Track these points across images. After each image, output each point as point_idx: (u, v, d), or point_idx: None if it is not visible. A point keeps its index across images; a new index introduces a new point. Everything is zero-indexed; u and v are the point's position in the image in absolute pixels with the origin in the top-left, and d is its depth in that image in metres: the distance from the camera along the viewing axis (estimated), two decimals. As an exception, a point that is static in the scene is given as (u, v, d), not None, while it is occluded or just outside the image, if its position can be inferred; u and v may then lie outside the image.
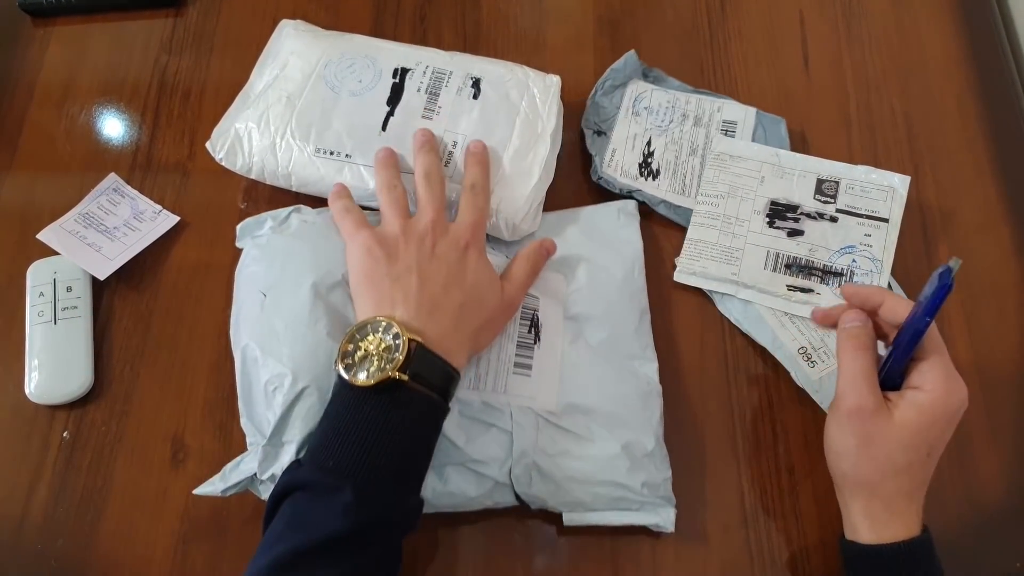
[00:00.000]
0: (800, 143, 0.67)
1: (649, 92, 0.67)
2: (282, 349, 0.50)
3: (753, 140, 0.64)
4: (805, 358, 0.58)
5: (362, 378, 0.45)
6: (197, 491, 0.50)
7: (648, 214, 0.63)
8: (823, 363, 0.57)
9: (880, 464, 0.45)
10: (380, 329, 0.46)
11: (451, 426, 0.50)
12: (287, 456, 0.49)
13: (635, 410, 0.53)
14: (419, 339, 0.46)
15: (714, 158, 0.64)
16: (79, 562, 0.52)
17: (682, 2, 0.73)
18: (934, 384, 0.45)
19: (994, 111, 0.68)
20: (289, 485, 0.43)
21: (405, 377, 0.44)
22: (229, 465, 0.50)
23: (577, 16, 0.72)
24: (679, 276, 0.61)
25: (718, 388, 0.58)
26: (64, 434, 0.56)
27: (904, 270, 0.62)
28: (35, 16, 0.71)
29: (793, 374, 0.57)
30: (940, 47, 0.71)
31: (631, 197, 0.63)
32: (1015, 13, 0.74)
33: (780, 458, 0.56)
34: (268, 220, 0.57)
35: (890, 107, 0.69)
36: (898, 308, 0.47)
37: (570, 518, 0.52)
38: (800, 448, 0.56)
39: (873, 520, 0.46)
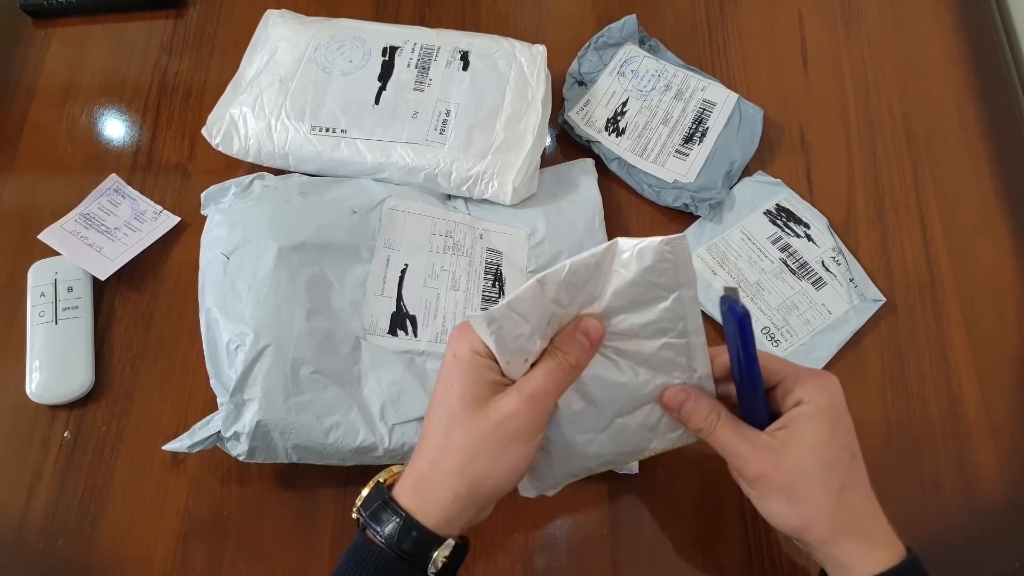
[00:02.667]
0: (799, 143, 0.67)
1: (640, 57, 0.68)
2: (244, 309, 0.52)
3: (727, 125, 0.65)
4: (769, 338, 0.59)
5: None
6: (166, 447, 0.51)
7: (602, 173, 0.64)
8: (787, 342, 0.59)
9: (822, 499, 0.41)
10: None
11: (421, 380, 0.53)
12: (249, 413, 0.50)
13: None
14: (382, 479, 0.42)
15: None
16: (79, 562, 0.52)
17: (681, 3, 0.73)
18: (810, 392, 0.42)
19: (993, 111, 0.68)
20: None
21: (353, 514, 0.41)
22: (199, 423, 0.51)
23: (577, 16, 0.72)
24: None
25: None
26: (65, 434, 0.56)
27: (904, 271, 0.62)
28: (36, 17, 0.71)
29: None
30: (939, 47, 0.71)
31: (588, 148, 0.65)
32: (1015, 13, 0.74)
33: (779, 458, 0.56)
34: (232, 187, 0.58)
35: (889, 107, 0.69)
36: (717, 358, 0.44)
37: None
38: None
39: (854, 555, 0.41)
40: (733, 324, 0.40)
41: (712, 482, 0.55)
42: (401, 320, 0.55)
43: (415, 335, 0.55)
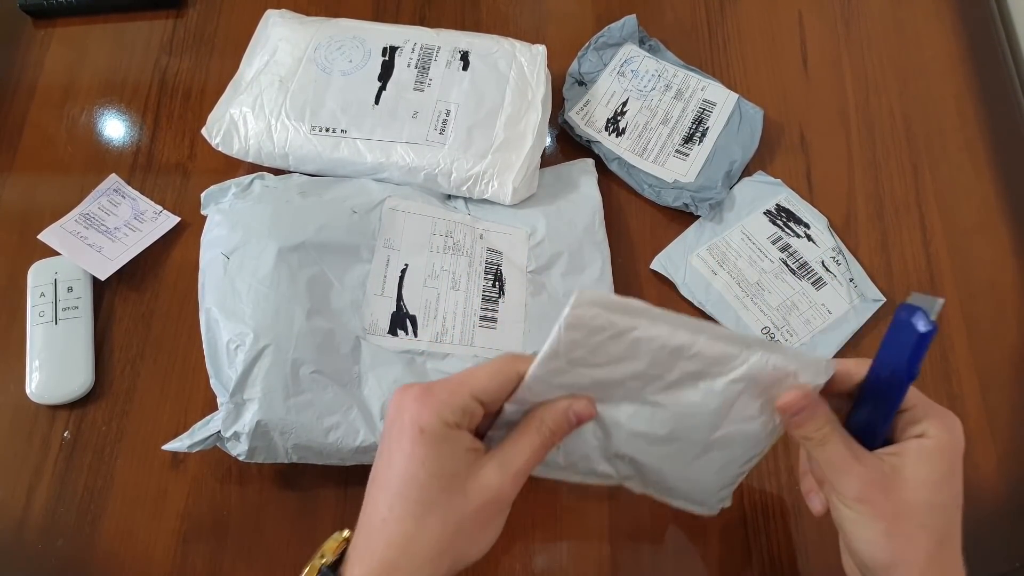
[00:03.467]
0: (799, 143, 0.67)
1: (640, 57, 0.68)
2: (244, 309, 0.51)
3: (727, 125, 0.65)
4: (769, 338, 0.58)
5: None
6: (165, 447, 0.50)
7: (602, 173, 0.64)
8: (787, 342, 0.58)
9: (923, 538, 0.38)
10: None
11: (421, 380, 0.52)
12: (249, 413, 0.50)
13: None
14: (324, 560, 0.38)
15: None
16: (79, 562, 0.52)
17: (681, 2, 0.73)
18: (936, 428, 0.39)
19: (993, 111, 0.68)
20: None
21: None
22: (198, 423, 0.51)
23: (577, 16, 0.72)
24: (656, 265, 0.62)
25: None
26: (65, 434, 0.56)
27: (904, 271, 0.62)
28: (36, 17, 0.71)
29: None
30: (939, 47, 0.71)
31: (588, 148, 0.65)
32: (1015, 13, 0.74)
33: (780, 458, 0.56)
34: (232, 187, 0.58)
35: (889, 107, 0.69)
36: (853, 371, 0.40)
37: (539, 471, 0.52)
38: (800, 447, 0.56)
39: None
40: (912, 336, 0.37)
41: (712, 482, 0.55)
42: (401, 320, 0.55)
43: (415, 335, 0.55)
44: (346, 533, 0.39)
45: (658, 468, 0.44)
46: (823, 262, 0.61)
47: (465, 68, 0.63)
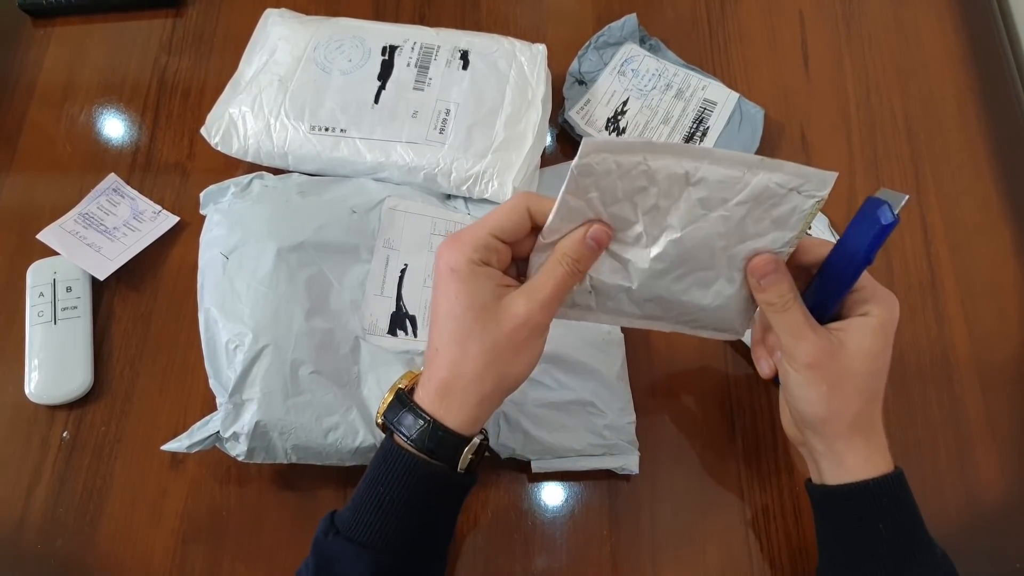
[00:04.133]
0: (800, 143, 0.67)
1: (641, 56, 0.67)
2: (243, 309, 0.51)
3: (728, 125, 0.65)
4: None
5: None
6: (164, 447, 0.51)
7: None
8: None
9: (856, 398, 0.44)
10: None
11: None
12: (248, 413, 0.49)
13: (597, 358, 0.55)
14: (401, 385, 0.44)
15: None
16: (79, 562, 0.52)
17: (682, 2, 0.73)
18: (878, 308, 0.44)
19: (994, 111, 0.68)
20: (321, 557, 0.42)
21: (379, 420, 0.43)
22: (197, 424, 0.51)
23: (577, 16, 0.72)
24: None
25: (718, 388, 0.58)
26: (64, 434, 0.56)
27: (905, 270, 0.62)
28: (35, 16, 0.71)
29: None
30: (940, 47, 0.71)
31: None
32: (1015, 13, 0.74)
33: (780, 458, 0.56)
34: (231, 187, 0.58)
35: (890, 107, 0.69)
36: (817, 248, 0.44)
37: (538, 465, 0.53)
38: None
39: (856, 455, 0.44)
40: (874, 227, 0.40)
41: (712, 482, 0.55)
42: (401, 320, 0.55)
43: (415, 335, 0.55)
44: (421, 369, 0.45)
45: (682, 301, 0.45)
46: (824, 262, 0.61)
47: (465, 67, 0.62)
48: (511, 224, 0.41)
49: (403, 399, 0.42)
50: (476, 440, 0.42)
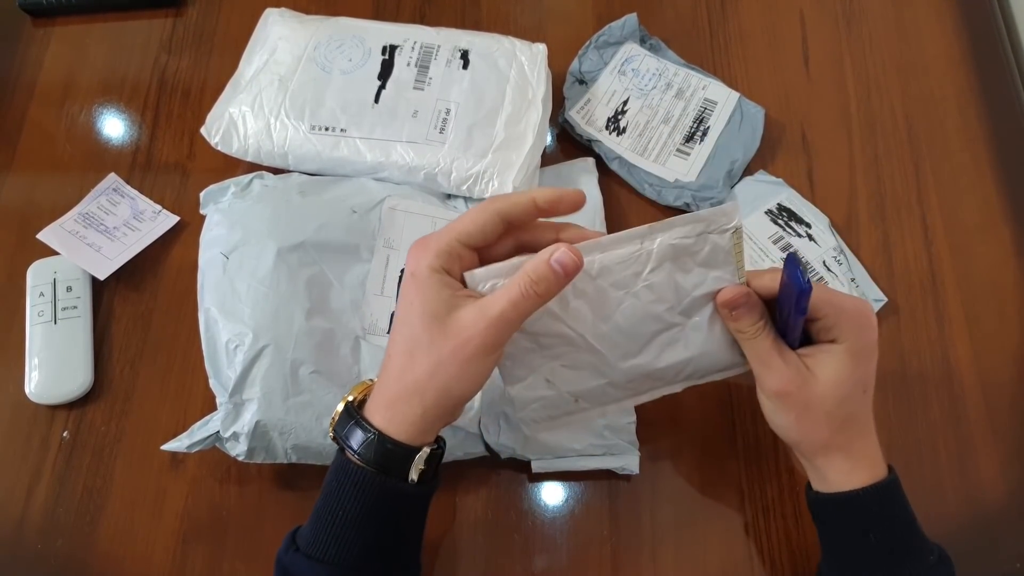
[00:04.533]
0: (800, 142, 0.67)
1: (641, 56, 0.67)
2: (243, 309, 0.51)
3: (728, 124, 0.65)
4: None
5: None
6: (164, 447, 0.51)
7: (603, 172, 0.64)
8: None
9: (825, 424, 0.44)
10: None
11: None
12: (248, 413, 0.49)
13: None
14: (351, 397, 0.43)
15: None
16: (79, 562, 0.52)
17: (682, 2, 0.73)
18: (845, 333, 0.43)
19: (995, 111, 0.68)
20: (283, 573, 0.43)
21: (331, 434, 0.43)
22: (197, 423, 0.51)
23: (577, 16, 0.72)
24: None
25: (718, 388, 0.58)
26: (64, 434, 0.56)
27: (905, 271, 0.62)
28: (35, 16, 0.71)
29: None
30: (940, 47, 0.71)
31: (588, 148, 0.65)
32: (1015, 13, 0.74)
33: (780, 458, 0.56)
34: (231, 186, 0.58)
35: (890, 107, 0.69)
36: (769, 284, 0.44)
37: (538, 465, 0.53)
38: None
39: (838, 470, 0.45)
40: (794, 283, 0.41)
41: (712, 482, 0.55)
42: (401, 320, 0.55)
43: (415, 335, 0.55)
44: (373, 378, 0.44)
45: (665, 367, 0.46)
46: (824, 262, 0.61)
47: (465, 67, 0.62)
48: (477, 229, 0.40)
49: (351, 412, 0.42)
50: (426, 450, 0.41)
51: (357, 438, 0.41)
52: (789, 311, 0.43)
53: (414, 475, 0.41)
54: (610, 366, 0.44)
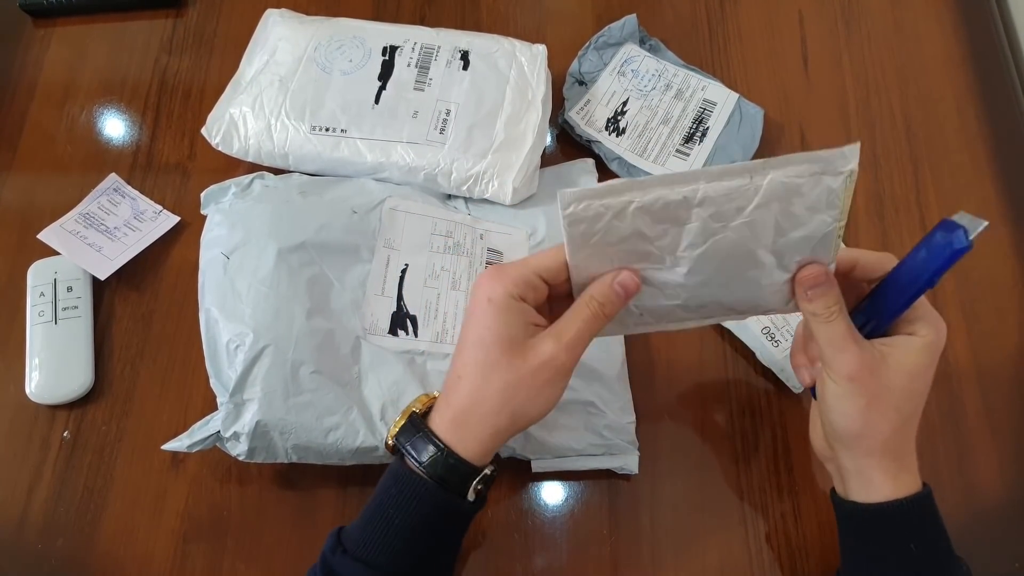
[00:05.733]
0: (799, 143, 0.67)
1: (641, 57, 0.68)
2: (244, 309, 0.51)
3: (727, 125, 0.65)
4: (769, 338, 0.58)
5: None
6: (165, 447, 0.51)
7: (602, 173, 0.65)
8: (787, 342, 0.58)
9: (892, 417, 0.43)
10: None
11: (422, 380, 0.53)
12: (249, 413, 0.50)
13: (597, 358, 0.55)
14: (415, 409, 0.44)
15: None
16: (79, 562, 0.52)
17: (682, 2, 0.73)
18: (926, 329, 0.43)
19: (994, 111, 0.68)
20: (330, 573, 0.43)
21: (390, 442, 0.44)
22: (198, 423, 0.51)
23: (577, 16, 0.72)
24: None
25: (718, 388, 0.58)
26: (64, 434, 0.56)
27: (904, 270, 0.62)
28: (36, 16, 0.71)
29: (758, 354, 0.58)
30: (940, 47, 0.71)
31: (588, 148, 0.65)
32: (1015, 13, 0.74)
33: (779, 458, 0.56)
34: (232, 186, 0.58)
35: (889, 107, 0.69)
36: (877, 264, 0.44)
37: (538, 465, 0.54)
38: (800, 447, 0.56)
39: (884, 474, 0.43)
40: (944, 250, 0.39)
41: (712, 482, 0.55)
42: (401, 320, 0.55)
43: (415, 335, 0.55)
44: (435, 393, 0.45)
45: (734, 300, 0.45)
46: (823, 262, 0.61)
47: (465, 68, 0.63)
48: (557, 265, 0.42)
49: (417, 423, 0.43)
50: (488, 471, 0.43)
51: (423, 450, 0.41)
52: (893, 298, 0.43)
53: (472, 494, 0.42)
54: (688, 290, 0.43)
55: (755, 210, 0.40)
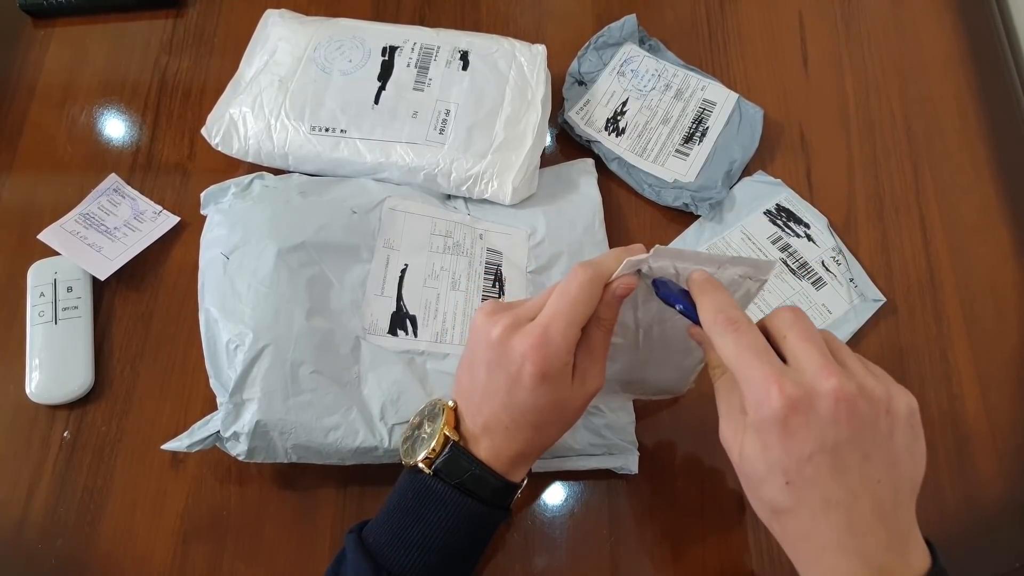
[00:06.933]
0: (799, 143, 0.67)
1: (640, 57, 0.68)
2: (244, 309, 0.51)
3: (727, 125, 0.65)
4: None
5: (420, 456, 0.43)
6: (165, 447, 0.51)
7: (602, 173, 0.65)
8: None
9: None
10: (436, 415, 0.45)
11: (421, 380, 0.53)
12: (249, 413, 0.50)
13: None
14: (448, 432, 0.43)
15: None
16: (79, 562, 0.52)
17: (681, 2, 0.73)
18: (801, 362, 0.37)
19: (994, 111, 0.68)
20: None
21: (428, 471, 0.43)
22: (198, 423, 0.51)
23: (577, 16, 0.72)
24: None
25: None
26: (64, 434, 0.56)
27: (904, 271, 0.62)
28: (35, 17, 0.71)
29: None
30: (940, 47, 0.71)
31: (588, 148, 0.65)
32: (1015, 13, 0.74)
33: (779, 458, 0.56)
34: (231, 187, 0.58)
35: (889, 107, 0.69)
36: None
37: (538, 465, 0.53)
38: None
39: (882, 560, 0.35)
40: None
41: (712, 482, 0.55)
42: (401, 320, 0.55)
43: (415, 335, 0.55)
44: (449, 403, 0.45)
45: (659, 379, 0.50)
46: (823, 262, 0.61)
47: (465, 68, 0.63)
48: (589, 307, 0.41)
49: (463, 453, 0.43)
50: (524, 482, 0.45)
51: (475, 479, 0.42)
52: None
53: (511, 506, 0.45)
54: (634, 365, 0.47)
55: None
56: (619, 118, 0.66)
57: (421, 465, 0.43)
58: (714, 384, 0.42)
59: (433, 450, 0.43)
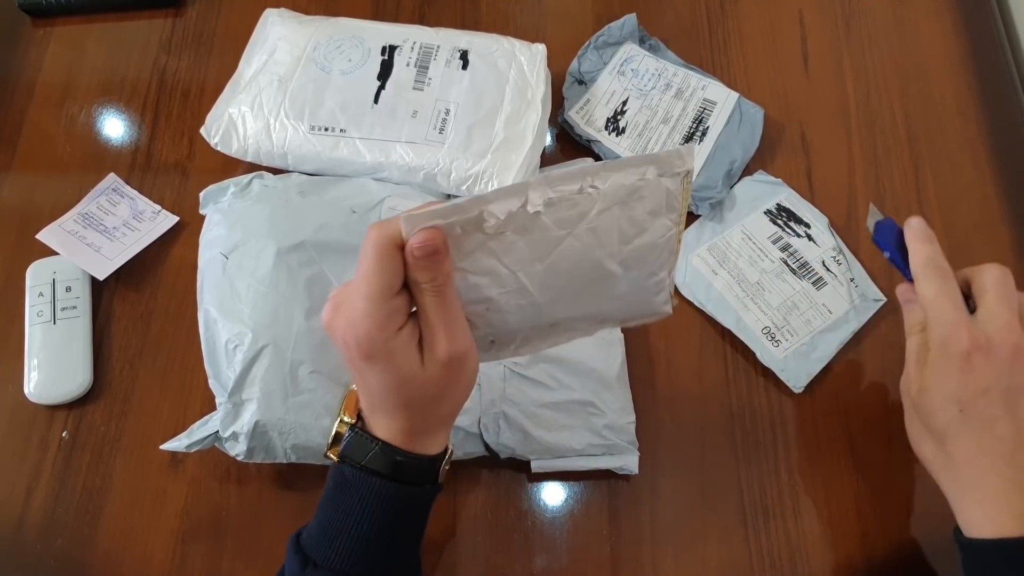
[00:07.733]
0: (799, 142, 0.67)
1: (641, 56, 0.68)
2: (243, 309, 0.51)
3: (727, 124, 0.65)
4: (769, 338, 0.58)
5: (329, 443, 0.42)
6: (164, 447, 0.51)
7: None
8: (787, 342, 0.58)
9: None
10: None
11: None
12: (248, 413, 0.50)
13: (597, 358, 0.55)
14: (348, 419, 0.42)
15: None
16: (79, 562, 0.52)
17: (682, 2, 0.73)
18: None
19: (994, 110, 0.68)
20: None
21: (334, 458, 0.42)
22: (197, 423, 0.51)
23: (577, 15, 0.72)
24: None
25: (717, 387, 0.58)
26: (63, 434, 0.56)
27: (904, 270, 0.62)
28: (35, 16, 0.71)
29: (758, 354, 0.58)
30: (940, 47, 0.71)
31: (588, 148, 0.65)
32: (1015, 13, 0.74)
33: (779, 457, 0.56)
34: (231, 186, 0.58)
35: (890, 107, 0.69)
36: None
37: (538, 465, 0.53)
38: (800, 447, 0.56)
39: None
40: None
41: (712, 482, 0.55)
42: (400, 320, 0.55)
43: (414, 335, 0.55)
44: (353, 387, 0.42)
45: (598, 312, 0.43)
46: (824, 262, 0.61)
47: (465, 67, 0.62)
48: (388, 274, 0.35)
49: (365, 437, 0.41)
50: (451, 450, 0.43)
51: (383, 461, 0.40)
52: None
53: (442, 477, 0.43)
54: (537, 309, 0.40)
55: (599, 215, 0.38)
56: (619, 118, 0.66)
57: (330, 454, 0.42)
58: (907, 340, 0.49)
59: (337, 435, 0.42)
